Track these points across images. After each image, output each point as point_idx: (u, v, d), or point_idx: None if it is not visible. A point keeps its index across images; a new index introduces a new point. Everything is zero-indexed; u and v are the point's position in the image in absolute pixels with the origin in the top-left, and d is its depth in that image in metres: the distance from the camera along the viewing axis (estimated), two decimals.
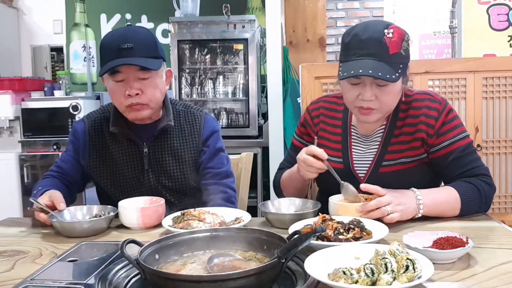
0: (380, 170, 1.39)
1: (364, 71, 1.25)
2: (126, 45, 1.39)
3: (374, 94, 1.30)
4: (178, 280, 0.79)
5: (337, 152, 1.46)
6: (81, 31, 4.09)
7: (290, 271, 0.90)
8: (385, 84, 1.28)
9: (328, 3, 3.92)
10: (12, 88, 3.47)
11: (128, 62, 1.39)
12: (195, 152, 1.57)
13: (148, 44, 1.44)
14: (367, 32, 1.27)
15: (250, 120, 3.36)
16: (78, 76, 4.11)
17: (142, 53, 1.41)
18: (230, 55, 3.48)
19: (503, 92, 2.32)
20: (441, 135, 1.35)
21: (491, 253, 1.01)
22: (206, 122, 1.60)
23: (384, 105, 1.32)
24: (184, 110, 1.61)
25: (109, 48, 1.42)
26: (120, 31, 1.47)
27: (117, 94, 1.45)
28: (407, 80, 1.36)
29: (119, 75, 1.42)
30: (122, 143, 1.53)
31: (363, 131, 1.45)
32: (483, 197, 1.31)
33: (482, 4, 3.12)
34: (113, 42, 1.41)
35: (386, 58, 1.26)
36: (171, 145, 1.55)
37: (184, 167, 1.55)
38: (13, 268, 1.02)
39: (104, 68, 1.41)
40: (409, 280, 0.80)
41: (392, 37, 1.26)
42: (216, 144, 1.60)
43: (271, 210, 1.34)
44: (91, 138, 1.56)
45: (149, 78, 1.43)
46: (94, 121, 1.58)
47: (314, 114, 1.55)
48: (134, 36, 1.42)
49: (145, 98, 1.44)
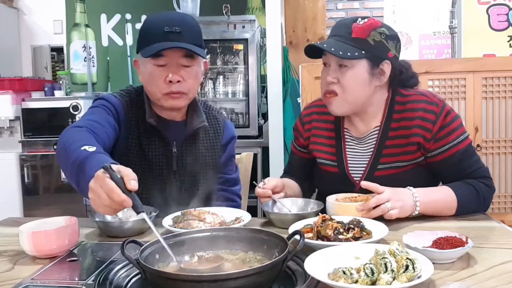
0: (376, 174, 1.38)
1: (321, 44, 1.31)
2: (174, 29, 1.33)
3: (336, 76, 1.34)
4: (178, 280, 0.79)
5: (331, 156, 1.46)
6: (81, 31, 4.09)
7: (290, 271, 0.90)
8: (346, 66, 1.32)
9: (328, 3, 3.92)
10: (13, 88, 3.47)
11: (180, 46, 1.31)
12: (217, 157, 1.53)
13: (196, 31, 1.39)
14: (343, 20, 1.37)
15: (250, 120, 3.35)
16: (79, 76, 4.11)
17: (189, 39, 1.34)
18: (230, 55, 3.48)
19: (502, 92, 2.32)
20: (439, 140, 1.33)
21: (490, 253, 1.01)
22: (226, 127, 1.57)
23: (345, 89, 1.33)
24: (206, 112, 1.55)
25: (154, 29, 1.34)
26: (167, 15, 1.40)
27: (157, 79, 1.35)
28: (380, 75, 1.35)
29: (161, 59, 1.34)
30: (152, 138, 1.43)
31: (356, 133, 1.44)
32: (481, 198, 1.31)
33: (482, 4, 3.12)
34: (160, 24, 1.34)
35: (347, 40, 1.31)
36: (199, 148, 1.49)
37: (208, 172, 1.50)
38: (13, 268, 1.03)
39: (149, 49, 1.32)
40: (408, 279, 0.80)
41: (360, 24, 1.32)
42: (231, 151, 1.58)
43: (274, 210, 1.34)
44: (130, 122, 1.41)
45: (192, 67, 1.37)
46: (130, 103, 1.44)
47: (306, 120, 1.55)
48: (182, 21, 1.36)
49: (186, 87, 1.37)
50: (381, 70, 1.35)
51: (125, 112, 1.42)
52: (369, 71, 1.33)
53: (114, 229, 1.24)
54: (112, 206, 0.94)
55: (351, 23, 1.32)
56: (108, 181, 0.93)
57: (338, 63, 1.33)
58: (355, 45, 1.30)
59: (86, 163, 1.05)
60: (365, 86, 1.34)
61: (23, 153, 3.48)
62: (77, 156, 1.09)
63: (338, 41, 1.32)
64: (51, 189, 3.47)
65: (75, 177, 1.08)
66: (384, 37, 1.32)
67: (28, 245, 1.07)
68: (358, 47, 1.30)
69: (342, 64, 1.32)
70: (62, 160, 1.16)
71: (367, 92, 1.35)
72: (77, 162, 1.07)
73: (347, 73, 1.32)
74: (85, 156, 1.07)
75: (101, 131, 1.30)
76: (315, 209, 1.31)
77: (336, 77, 1.33)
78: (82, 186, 1.03)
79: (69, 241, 1.11)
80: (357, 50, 1.30)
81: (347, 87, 1.33)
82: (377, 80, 1.35)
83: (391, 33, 1.34)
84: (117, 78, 4.06)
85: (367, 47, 1.31)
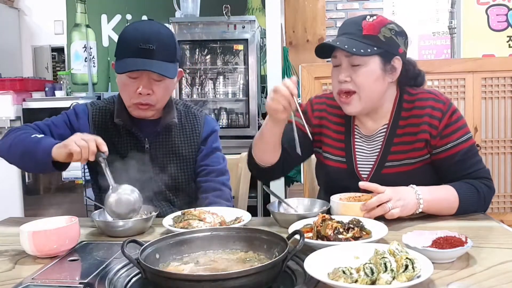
0: (383, 171, 1.38)
1: (333, 42, 1.30)
2: (148, 46, 1.37)
3: (349, 75, 1.33)
4: (179, 280, 0.79)
5: (340, 152, 1.45)
6: (82, 31, 4.09)
7: (290, 271, 0.90)
8: (358, 64, 1.31)
9: (328, 3, 3.92)
10: (13, 88, 3.47)
11: (149, 68, 1.37)
12: (195, 151, 1.58)
13: (169, 48, 1.43)
14: (352, 19, 1.37)
15: (250, 120, 3.36)
16: (79, 76, 4.12)
17: (162, 56, 1.39)
18: (230, 56, 3.48)
19: (502, 92, 2.32)
20: (444, 137, 1.34)
21: (490, 253, 1.01)
22: (206, 122, 1.62)
23: (360, 87, 1.33)
24: (185, 110, 1.62)
25: (129, 44, 1.39)
26: (143, 28, 1.43)
27: (128, 89, 1.43)
28: (392, 71, 1.36)
29: (134, 73, 1.40)
30: (124, 137, 1.53)
31: (365, 131, 1.44)
32: (481, 198, 1.32)
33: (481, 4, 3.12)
34: (135, 39, 1.38)
35: (359, 37, 1.31)
36: (172, 142, 1.55)
37: (184, 165, 1.56)
38: (14, 268, 1.03)
39: (122, 66, 1.39)
40: (408, 279, 0.80)
41: (370, 21, 1.32)
42: (213, 144, 1.61)
43: (280, 210, 1.33)
44: (95, 125, 1.53)
45: (163, 81, 1.43)
46: (98, 109, 1.56)
47: (316, 108, 1.52)
48: (157, 37, 1.39)
49: (154, 99, 1.44)
50: (393, 66, 1.35)
51: (90, 117, 1.54)
52: (382, 68, 1.33)
53: (114, 229, 1.24)
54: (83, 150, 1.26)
55: (361, 21, 1.32)
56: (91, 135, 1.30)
57: (350, 63, 1.33)
58: (367, 42, 1.30)
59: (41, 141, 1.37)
60: (378, 83, 1.34)
61: None
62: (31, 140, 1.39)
63: (350, 38, 1.31)
64: (51, 189, 3.48)
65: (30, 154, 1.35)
66: (394, 33, 1.33)
67: (28, 244, 1.07)
68: (370, 43, 1.30)
69: (354, 64, 1.32)
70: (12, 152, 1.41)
71: (381, 88, 1.36)
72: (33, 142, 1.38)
73: (360, 71, 1.32)
74: (39, 139, 1.39)
75: (60, 133, 1.51)
76: (321, 210, 1.29)
77: (349, 76, 1.33)
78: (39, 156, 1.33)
79: (69, 241, 1.11)
80: (370, 47, 1.30)
81: (361, 84, 1.32)
82: (389, 77, 1.36)
83: (400, 29, 1.35)
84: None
85: (378, 44, 1.31)
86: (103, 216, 1.31)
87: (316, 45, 1.36)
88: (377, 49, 1.30)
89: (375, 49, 1.30)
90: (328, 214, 1.18)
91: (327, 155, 1.47)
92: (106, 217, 1.31)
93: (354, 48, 1.28)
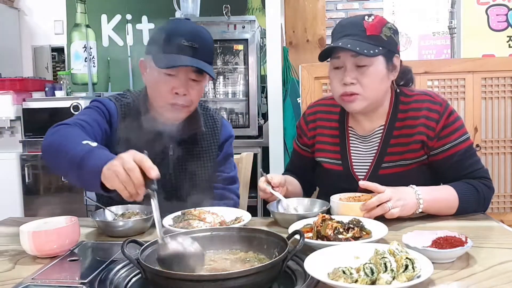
0: (380, 172, 1.38)
1: (343, 44, 1.30)
2: (192, 44, 1.32)
3: (355, 77, 1.32)
4: (179, 280, 0.79)
5: (335, 154, 1.46)
6: (82, 31, 4.10)
7: (290, 271, 0.90)
8: (365, 65, 1.31)
9: (328, 3, 3.92)
10: (13, 88, 3.47)
11: (195, 65, 1.31)
12: (214, 157, 1.54)
13: (210, 48, 1.39)
14: (349, 19, 1.37)
15: (250, 120, 3.36)
16: (79, 76, 4.12)
17: (203, 56, 1.35)
18: (230, 56, 3.48)
19: (502, 92, 2.33)
20: (441, 138, 1.35)
21: (490, 253, 1.01)
22: (223, 127, 1.59)
23: (366, 89, 1.33)
24: (204, 113, 1.57)
25: (172, 39, 1.32)
26: (186, 26, 1.38)
27: (163, 88, 1.35)
28: (394, 69, 1.37)
29: (172, 70, 1.33)
30: (148, 140, 1.41)
31: (361, 131, 1.45)
32: (481, 198, 1.32)
33: (481, 4, 3.12)
34: (179, 35, 1.32)
35: (364, 38, 1.31)
36: (195, 150, 1.50)
37: (205, 173, 1.52)
38: (13, 268, 1.03)
39: (164, 60, 1.31)
40: (408, 279, 0.80)
41: (371, 21, 1.32)
42: (228, 149, 1.59)
43: (279, 210, 1.34)
44: (124, 125, 1.42)
45: (199, 82, 1.38)
46: (125, 106, 1.45)
47: (310, 119, 1.55)
48: (200, 36, 1.35)
49: (189, 100, 1.38)
50: (394, 64, 1.37)
51: (118, 115, 1.43)
52: (386, 66, 1.34)
53: (114, 229, 1.24)
54: (128, 187, 0.99)
55: (361, 21, 1.33)
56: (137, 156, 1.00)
57: (355, 64, 1.32)
58: (372, 42, 1.30)
59: (90, 157, 1.10)
60: (383, 82, 1.35)
61: (23, 153, 3.48)
62: (79, 150, 1.13)
63: (355, 40, 1.30)
64: (51, 189, 3.48)
65: (76, 170, 1.11)
66: (392, 32, 1.34)
67: (28, 244, 1.07)
68: (375, 44, 1.30)
69: (360, 65, 1.32)
70: (54, 156, 1.21)
71: (385, 87, 1.37)
72: (80, 155, 1.11)
73: (367, 71, 1.32)
74: (89, 150, 1.12)
75: (89, 130, 1.33)
76: (321, 209, 1.29)
77: (355, 78, 1.32)
78: (87, 176, 1.08)
79: (69, 241, 1.11)
80: (376, 47, 1.30)
81: (368, 85, 1.33)
82: (392, 75, 1.38)
83: (395, 28, 1.37)
84: (117, 78, 4.07)
85: (382, 43, 1.31)
86: (103, 216, 1.31)
87: (316, 45, 1.37)
88: (382, 49, 1.31)
89: (380, 49, 1.30)
90: (328, 214, 1.19)
91: (324, 159, 1.49)
92: (106, 217, 1.31)
93: (365, 49, 1.28)
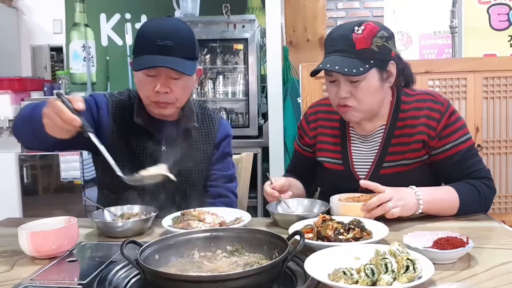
0: (381, 172, 1.38)
1: (331, 66, 1.27)
2: (166, 43, 1.33)
3: (349, 91, 1.31)
4: (178, 280, 0.79)
5: (336, 154, 1.46)
6: (81, 31, 4.09)
7: (290, 271, 0.90)
8: (357, 80, 1.30)
9: (328, 3, 3.91)
10: (12, 88, 3.46)
11: (166, 65, 1.33)
12: (209, 156, 1.55)
13: (188, 44, 1.39)
14: (339, 30, 1.32)
15: (250, 120, 3.35)
16: (78, 76, 4.11)
17: (180, 53, 1.36)
18: (230, 55, 3.47)
19: (503, 92, 2.32)
20: (443, 138, 1.35)
21: (491, 253, 1.01)
22: (221, 126, 1.59)
23: (360, 102, 1.32)
24: (201, 112, 1.59)
25: (147, 41, 1.35)
26: (161, 25, 1.39)
27: (146, 88, 1.39)
28: (389, 76, 1.35)
29: (152, 71, 1.36)
30: (141, 136, 1.47)
31: (362, 131, 1.45)
32: (482, 198, 1.32)
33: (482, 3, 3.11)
34: (153, 35, 1.35)
35: (353, 53, 1.27)
36: (188, 146, 1.52)
37: (199, 170, 1.53)
38: (12, 269, 1.02)
39: (139, 63, 1.35)
40: (409, 280, 0.80)
41: (360, 34, 1.28)
42: (225, 148, 1.59)
43: (279, 211, 1.33)
44: (114, 120, 1.46)
45: (181, 79, 1.39)
46: (118, 103, 1.49)
47: (311, 119, 1.55)
48: (175, 33, 1.36)
49: (173, 97, 1.39)
50: (389, 72, 1.34)
51: (109, 110, 1.46)
52: (380, 78, 1.32)
53: (113, 230, 1.23)
54: (64, 126, 1.12)
55: (350, 34, 1.28)
56: (58, 103, 1.11)
57: (348, 80, 1.31)
58: (362, 57, 1.27)
59: (39, 105, 1.23)
60: (378, 93, 1.34)
61: (22, 153, 3.47)
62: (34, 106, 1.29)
63: (344, 57, 1.28)
64: (50, 189, 3.47)
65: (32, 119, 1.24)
66: (384, 40, 1.31)
67: (27, 245, 1.06)
68: (366, 57, 1.28)
69: (352, 80, 1.30)
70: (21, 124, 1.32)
71: (380, 97, 1.36)
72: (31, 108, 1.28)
73: (359, 86, 1.30)
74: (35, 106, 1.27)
75: None
76: (321, 210, 1.28)
77: (349, 92, 1.31)
78: (38, 120, 1.18)
79: (68, 242, 1.11)
80: (367, 62, 1.27)
81: (362, 98, 1.32)
82: (387, 83, 1.36)
83: (388, 33, 1.33)
84: (116, 78, 4.06)
85: (373, 56, 1.29)
86: (102, 216, 1.31)
87: (316, 44, 1.37)
88: (373, 62, 1.28)
89: (371, 62, 1.28)
90: (328, 214, 1.18)
91: (325, 158, 1.48)
92: (105, 217, 1.30)
93: (353, 69, 1.26)
